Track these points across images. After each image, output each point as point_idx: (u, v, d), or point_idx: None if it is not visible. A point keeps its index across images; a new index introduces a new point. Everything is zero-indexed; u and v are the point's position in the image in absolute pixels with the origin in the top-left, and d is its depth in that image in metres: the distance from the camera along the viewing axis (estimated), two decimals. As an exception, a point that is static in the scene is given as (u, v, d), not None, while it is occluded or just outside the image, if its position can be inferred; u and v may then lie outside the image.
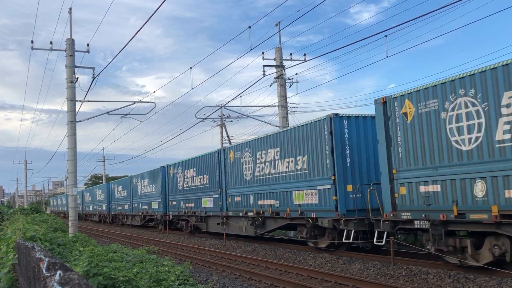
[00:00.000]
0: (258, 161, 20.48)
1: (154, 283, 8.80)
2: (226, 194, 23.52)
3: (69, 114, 23.77)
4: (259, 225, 20.50)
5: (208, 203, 25.97)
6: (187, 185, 28.67)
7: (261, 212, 20.05)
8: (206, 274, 14.39)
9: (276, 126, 26.75)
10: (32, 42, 23.55)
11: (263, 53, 25.41)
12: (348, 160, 15.73)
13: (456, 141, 11.61)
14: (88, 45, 24.39)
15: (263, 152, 20.00)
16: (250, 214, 21.00)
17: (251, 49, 22.60)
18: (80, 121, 24.71)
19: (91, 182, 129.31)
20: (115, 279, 7.88)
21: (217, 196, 24.71)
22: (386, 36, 20.62)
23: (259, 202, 20.27)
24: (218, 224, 24.58)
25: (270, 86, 26.43)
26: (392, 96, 13.34)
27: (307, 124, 17.03)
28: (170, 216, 31.73)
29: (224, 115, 40.22)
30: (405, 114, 13.02)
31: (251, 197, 21.02)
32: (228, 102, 39.72)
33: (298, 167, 17.53)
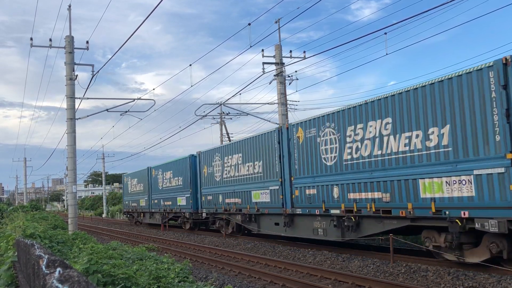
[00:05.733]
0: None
1: (153, 281, 8.80)
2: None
3: (69, 111, 23.74)
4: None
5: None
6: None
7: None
8: (205, 271, 14.41)
9: (276, 123, 26.75)
10: (31, 39, 23.52)
11: (262, 50, 25.39)
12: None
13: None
14: (87, 42, 24.36)
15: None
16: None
17: (250, 46, 22.58)
18: (79, 118, 24.69)
19: (90, 179, 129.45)
20: (115, 276, 7.88)
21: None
22: (386, 33, 20.66)
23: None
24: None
25: (270, 83, 26.41)
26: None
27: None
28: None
29: (223, 113, 40.21)
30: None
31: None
32: (228, 99, 39.66)
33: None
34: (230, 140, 39.47)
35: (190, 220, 28.69)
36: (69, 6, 23.64)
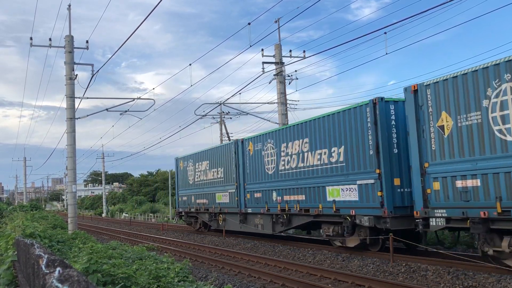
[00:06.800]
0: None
1: (153, 280, 8.81)
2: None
3: (68, 111, 23.75)
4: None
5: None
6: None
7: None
8: (205, 271, 14.40)
9: (276, 123, 26.77)
10: (31, 39, 23.53)
11: (262, 50, 25.41)
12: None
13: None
14: (87, 41, 24.38)
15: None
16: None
17: (250, 46, 22.59)
18: (79, 118, 24.70)
19: (90, 179, 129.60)
20: (115, 276, 7.88)
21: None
22: (385, 33, 20.64)
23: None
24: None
25: (270, 83, 26.42)
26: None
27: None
28: None
29: (223, 112, 40.21)
30: None
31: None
32: (228, 99, 39.67)
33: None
34: (230, 140, 39.39)
35: (365, 230, 15.03)
36: (69, 5, 23.66)
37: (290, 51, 26.29)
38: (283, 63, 25.78)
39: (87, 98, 24.72)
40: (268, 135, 20.11)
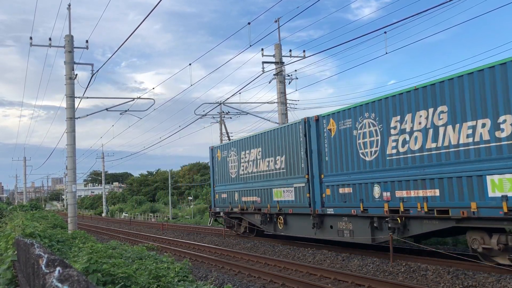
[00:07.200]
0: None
1: (153, 280, 8.81)
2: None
3: (68, 110, 23.75)
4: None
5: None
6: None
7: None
8: (205, 270, 14.41)
9: (275, 123, 26.76)
10: (31, 38, 23.52)
11: (262, 49, 25.42)
12: None
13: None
14: (87, 41, 24.37)
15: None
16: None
17: (250, 46, 22.60)
18: (79, 117, 24.69)
19: (90, 179, 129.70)
20: (114, 275, 7.88)
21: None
22: (385, 32, 20.67)
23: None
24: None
25: (270, 82, 26.43)
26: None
27: None
28: None
29: (223, 112, 40.20)
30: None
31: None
32: (228, 98, 39.65)
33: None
34: (229, 139, 39.37)
35: None
36: (69, 5, 23.65)
37: (290, 50, 26.32)
38: (283, 62, 25.79)
39: (87, 97, 24.72)
40: (363, 107, 14.59)
